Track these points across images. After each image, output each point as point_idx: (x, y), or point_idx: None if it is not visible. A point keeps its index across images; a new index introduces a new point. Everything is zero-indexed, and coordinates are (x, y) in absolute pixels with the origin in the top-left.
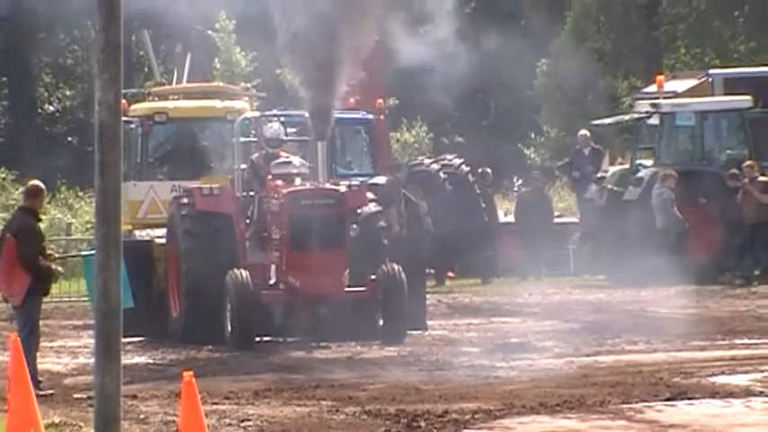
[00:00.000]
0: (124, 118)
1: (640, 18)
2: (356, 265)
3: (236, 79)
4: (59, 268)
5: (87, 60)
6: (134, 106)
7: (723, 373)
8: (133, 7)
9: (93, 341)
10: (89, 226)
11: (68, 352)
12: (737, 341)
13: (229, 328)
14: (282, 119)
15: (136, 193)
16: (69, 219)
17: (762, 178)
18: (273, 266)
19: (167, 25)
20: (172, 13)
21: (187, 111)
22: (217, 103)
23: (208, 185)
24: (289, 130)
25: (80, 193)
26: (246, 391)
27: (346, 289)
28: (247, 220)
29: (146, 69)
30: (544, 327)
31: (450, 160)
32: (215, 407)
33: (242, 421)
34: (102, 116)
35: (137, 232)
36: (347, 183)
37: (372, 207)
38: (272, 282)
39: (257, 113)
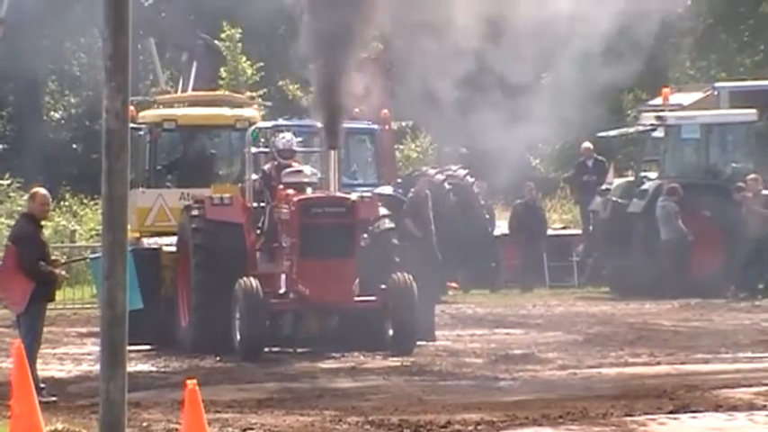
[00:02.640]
0: (132, 125)
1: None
2: (366, 274)
3: (241, 88)
4: (63, 272)
5: (93, 68)
6: (142, 113)
7: (727, 386)
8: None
9: (97, 348)
10: (93, 233)
11: (72, 359)
12: (741, 354)
13: (238, 336)
14: (293, 129)
15: (144, 201)
16: (74, 226)
17: (765, 192)
18: (283, 276)
19: (173, 34)
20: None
21: (196, 118)
22: (226, 111)
23: (219, 195)
24: (296, 140)
25: (85, 201)
26: (250, 400)
27: (356, 298)
28: (258, 231)
29: (151, 77)
30: (547, 338)
31: (455, 171)
32: (218, 415)
33: (245, 430)
34: (110, 124)
35: (144, 240)
36: (360, 194)
37: (387, 223)
38: (281, 291)
39: (269, 123)
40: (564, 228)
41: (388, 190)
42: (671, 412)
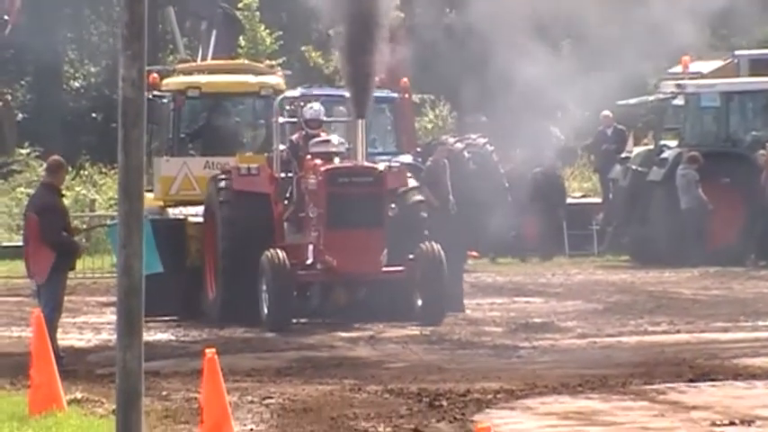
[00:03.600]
0: (156, 93)
1: None
2: (394, 245)
3: (260, 57)
4: (84, 240)
5: (113, 36)
6: (166, 81)
7: (746, 354)
8: None
9: (115, 317)
10: (113, 202)
11: (91, 328)
12: (761, 323)
13: (266, 309)
14: (322, 99)
15: (168, 169)
16: (93, 195)
17: None
18: (311, 246)
19: (193, 2)
20: None
21: (220, 86)
22: (250, 78)
23: (246, 165)
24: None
25: (104, 170)
26: (269, 369)
27: (384, 269)
28: (285, 201)
29: (170, 46)
30: (567, 307)
31: (475, 139)
32: (237, 384)
33: (264, 399)
34: (126, 92)
35: (169, 210)
36: (388, 163)
37: (416, 195)
38: (308, 262)
39: (297, 93)
40: (583, 196)
41: (407, 159)
42: (690, 381)
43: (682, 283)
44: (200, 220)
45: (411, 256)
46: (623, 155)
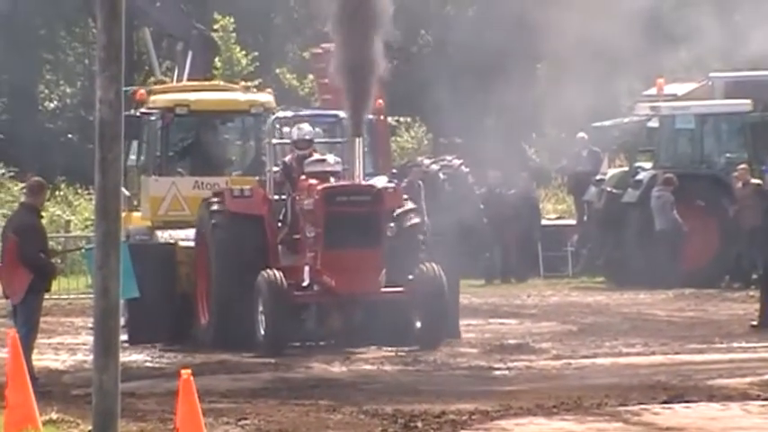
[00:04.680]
0: (144, 110)
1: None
2: (390, 265)
3: (235, 78)
4: (59, 261)
5: (88, 57)
6: (153, 97)
7: (720, 376)
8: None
9: (91, 338)
10: (88, 223)
11: (67, 349)
12: (735, 344)
13: (262, 331)
14: (311, 119)
15: (157, 189)
16: (68, 216)
17: (754, 181)
18: (307, 268)
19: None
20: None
21: (209, 103)
22: (240, 96)
23: (239, 187)
24: (314, 130)
25: (79, 191)
26: (244, 391)
27: (383, 289)
28: (279, 223)
29: (146, 67)
30: (542, 328)
31: (450, 161)
32: (213, 405)
33: (239, 420)
34: (103, 114)
35: (159, 233)
36: (383, 184)
37: (413, 218)
38: (305, 283)
39: (290, 113)
40: (558, 218)
41: (382, 180)
42: (665, 402)
43: (656, 305)
44: (191, 244)
45: (411, 277)
46: (598, 177)
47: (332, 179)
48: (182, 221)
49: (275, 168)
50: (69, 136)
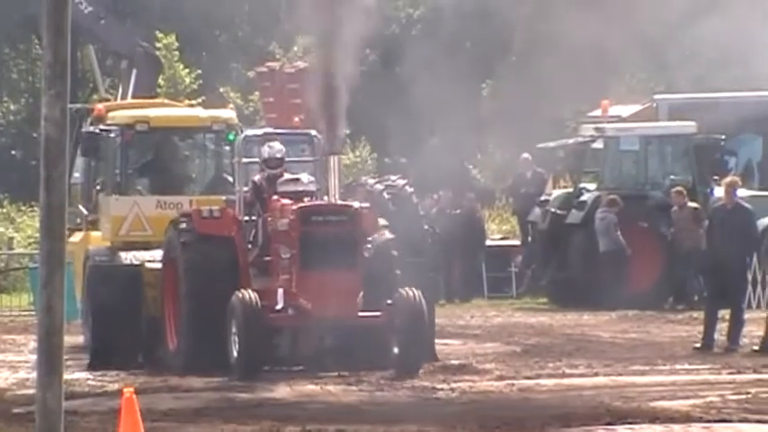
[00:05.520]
0: (103, 126)
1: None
2: (368, 288)
3: (179, 96)
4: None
5: (32, 74)
6: (112, 113)
7: (664, 398)
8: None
9: (34, 356)
10: (31, 240)
11: (9, 366)
12: (678, 366)
13: (235, 353)
14: (281, 137)
15: (118, 209)
16: (11, 233)
17: (691, 204)
18: (281, 290)
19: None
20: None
21: (170, 120)
22: (201, 112)
23: (207, 207)
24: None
25: (23, 208)
26: (187, 410)
27: (360, 313)
28: (249, 245)
29: (90, 85)
30: (485, 349)
31: (394, 181)
32: (155, 424)
33: None
34: (49, 131)
35: (122, 254)
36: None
37: (387, 234)
38: (278, 306)
39: (260, 131)
40: (503, 238)
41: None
42: (608, 424)
43: (600, 326)
44: (158, 266)
45: (389, 302)
46: (542, 197)
47: (306, 199)
48: (144, 242)
49: (245, 189)
50: (13, 152)
